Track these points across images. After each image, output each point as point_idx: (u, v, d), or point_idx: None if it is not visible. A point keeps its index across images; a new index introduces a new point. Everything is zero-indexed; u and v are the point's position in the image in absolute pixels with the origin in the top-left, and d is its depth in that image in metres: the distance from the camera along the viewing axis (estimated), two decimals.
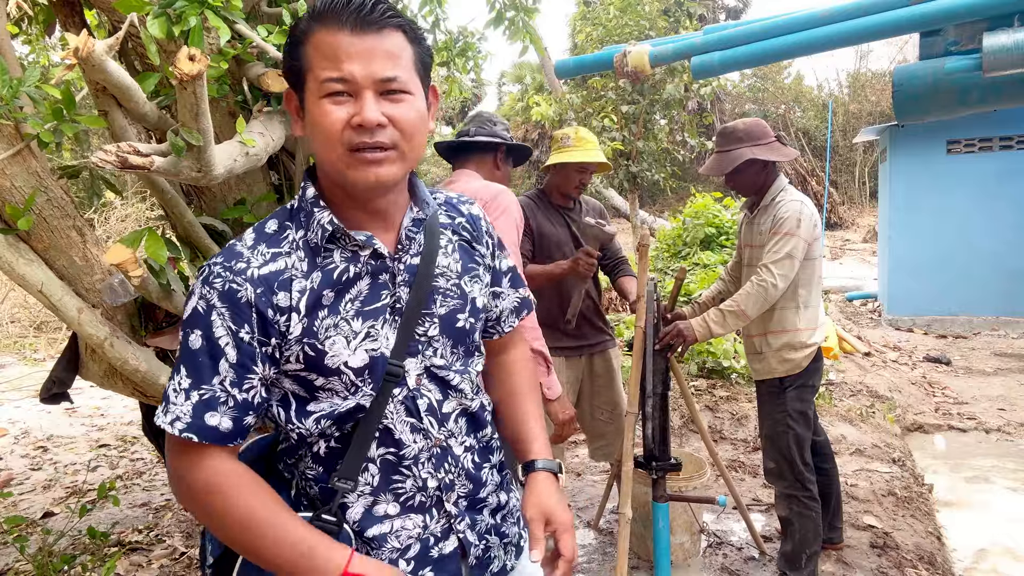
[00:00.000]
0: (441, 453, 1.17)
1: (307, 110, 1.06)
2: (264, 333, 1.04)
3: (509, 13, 3.14)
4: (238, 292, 1.03)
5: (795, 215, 2.74)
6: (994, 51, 3.02)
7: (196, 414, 1.02)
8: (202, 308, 1.03)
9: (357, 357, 1.08)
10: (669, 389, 2.84)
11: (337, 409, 1.09)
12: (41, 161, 1.71)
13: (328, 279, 1.08)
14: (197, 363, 1.02)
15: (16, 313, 8.89)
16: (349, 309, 1.08)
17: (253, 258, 1.06)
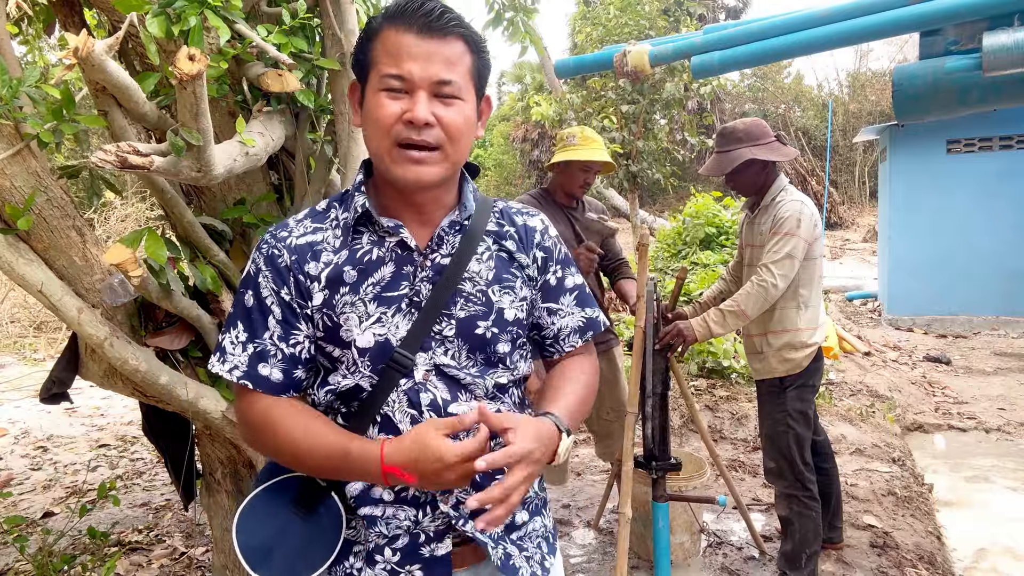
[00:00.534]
0: None
1: (365, 101, 1.14)
2: (300, 296, 1.14)
3: (508, 14, 3.14)
4: (279, 257, 1.15)
5: (795, 215, 2.74)
6: (994, 51, 3.02)
7: (251, 364, 1.13)
8: (252, 271, 1.16)
9: (364, 338, 1.13)
10: (669, 389, 2.84)
11: (338, 386, 1.16)
12: (41, 161, 1.71)
13: (352, 258, 1.15)
14: (251, 319, 1.14)
15: (16, 313, 8.89)
16: (369, 292, 1.14)
17: (296, 229, 1.18)
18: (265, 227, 2.05)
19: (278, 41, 1.83)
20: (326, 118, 2.16)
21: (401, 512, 1.16)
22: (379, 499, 1.15)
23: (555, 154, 3.17)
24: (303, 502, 1.17)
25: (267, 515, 1.17)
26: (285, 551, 1.14)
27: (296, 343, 1.15)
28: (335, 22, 1.94)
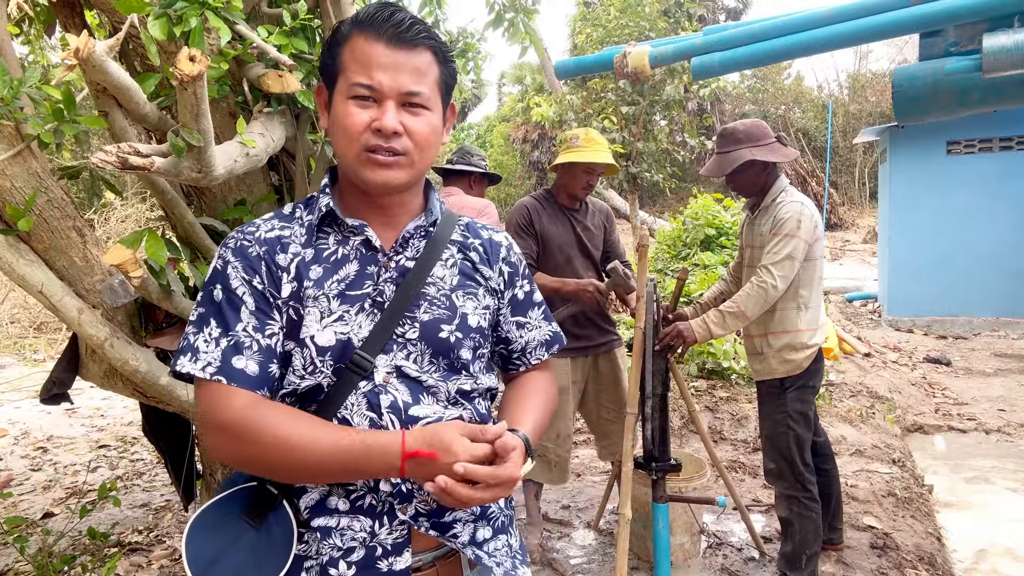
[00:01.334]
0: None
1: (333, 106, 1.15)
2: (272, 285, 1.12)
3: (509, 14, 3.14)
4: (249, 247, 1.13)
5: (795, 216, 2.74)
6: (994, 52, 3.02)
7: (224, 359, 1.07)
8: (219, 266, 1.13)
9: (324, 336, 1.11)
10: (669, 390, 2.84)
11: (297, 386, 1.12)
12: (41, 162, 1.71)
13: (319, 256, 1.15)
14: (222, 313, 1.09)
15: (16, 314, 8.89)
16: (333, 288, 1.13)
17: (263, 225, 1.17)
18: None
19: (279, 42, 1.83)
20: None
21: (356, 523, 1.11)
22: (334, 509, 1.11)
23: (559, 155, 3.17)
24: (253, 511, 1.12)
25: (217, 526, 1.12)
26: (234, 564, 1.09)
27: (272, 334, 1.10)
28: (336, 23, 1.94)
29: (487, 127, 29.74)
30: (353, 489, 1.12)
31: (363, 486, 1.12)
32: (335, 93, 1.14)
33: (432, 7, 2.92)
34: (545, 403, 1.31)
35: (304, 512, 1.12)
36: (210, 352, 1.07)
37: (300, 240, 1.15)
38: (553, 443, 3.16)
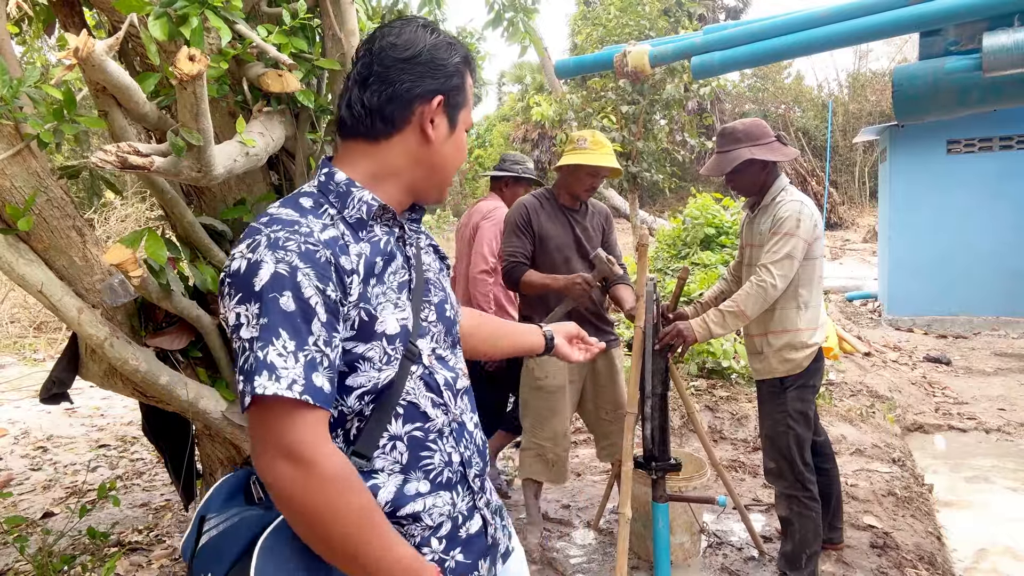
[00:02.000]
0: (459, 428, 1.22)
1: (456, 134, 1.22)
2: (343, 292, 1.07)
3: (508, 14, 3.14)
4: (316, 252, 1.04)
5: (795, 215, 2.74)
6: (994, 51, 3.02)
7: (307, 374, 0.99)
8: (285, 271, 1.01)
9: (391, 324, 1.12)
10: (668, 389, 2.84)
11: (376, 382, 1.11)
12: (41, 161, 1.71)
13: (376, 249, 1.14)
14: (296, 325, 1.00)
15: (16, 313, 8.89)
16: (392, 280, 1.15)
17: (313, 224, 1.09)
18: None
19: (278, 41, 1.83)
20: (326, 118, 2.16)
21: (439, 499, 1.17)
22: (416, 493, 1.14)
23: (564, 155, 3.17)
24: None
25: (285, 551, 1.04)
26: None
27: (335, 347, 1.05)
28: (335, 22, 1.94)
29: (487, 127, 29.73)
30: (430, 467, 1.17)
31: (440, 462, 1.18)
32: (459, 121, 1.21)
33: (431, 7, 2.92)
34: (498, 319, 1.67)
35: (386, 507, 1.11)
36: (291, 368, 0.98)
37: (351, 237, 1.12)
38: (551, 442, 3.16)
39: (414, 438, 1.15)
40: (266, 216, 1.10)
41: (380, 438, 1.12)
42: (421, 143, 1.17)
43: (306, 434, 0.99)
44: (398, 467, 1.14)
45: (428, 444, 1.16)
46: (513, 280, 3.13)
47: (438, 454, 1.17)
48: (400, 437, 1.14)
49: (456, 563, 1.17)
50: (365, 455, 1.11)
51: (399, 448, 1.14)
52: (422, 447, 1.16)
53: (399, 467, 1.14)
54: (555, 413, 3.14)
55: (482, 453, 1.28)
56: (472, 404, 1.30)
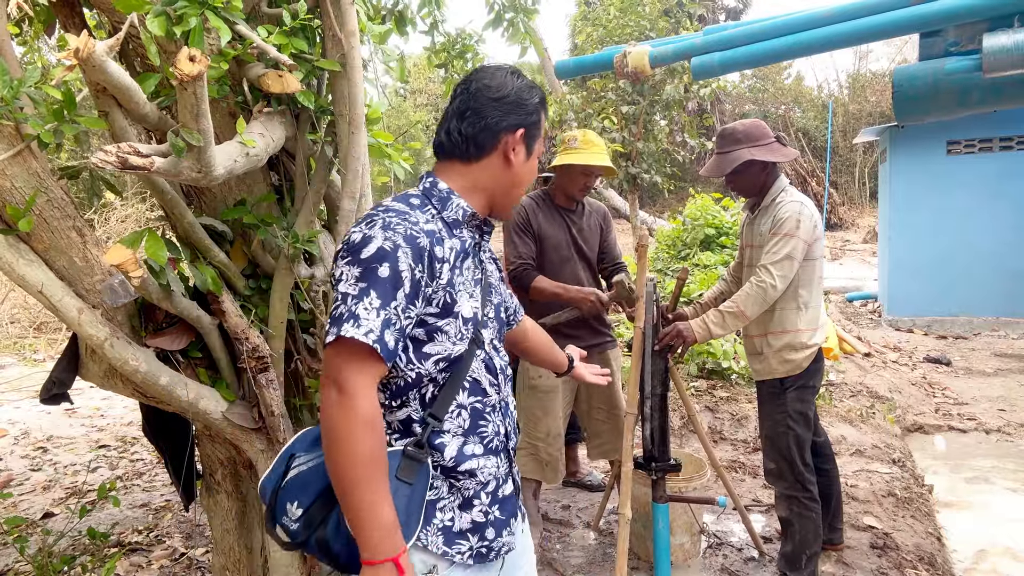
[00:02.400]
0: (504, 407, 1.51)
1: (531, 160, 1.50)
2: (429, 275, 1.32)
3: (508, 14, 3.13)
4: (417, 238, 1.31)
5: (794, 216, 2.74)
6: (994, 52, 3.02)
7: (382, 330, 1.24)
8: (389, 247, 1.27)
9: (467, 308, 1.40)
10: (668, 390, 2.84)
11: (449, 353, 1.37)
12: (41, 162, 1.71)
13: (461, 246, 1.42)
14: (385, 289, 1.25)
15: (16, 314, 8.89)
16: (468, 274, 1.42)
17: (419, 216, 1.37)
18: (265, 228, 2.05)
19: (279, 42, 1.83)
20: (326, 119, 2.16)
21: (489, 461, 1.43)
22: (472, 454, 1.40)
23: (557, 156, 3.17)
24: (406, 472, 1.31)
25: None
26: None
27: (408, 317, 1.30)
28: (335, 23, 1.94)
29: None
30: (485, 434, 1.44)
31: (492, 431, 1.45)
32: (533, 149, 1.49)
33: (431, 7, 2.92)
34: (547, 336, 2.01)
35: (449, 462, 1.37)
36: (371, 320, 1.23)
37: (446, 233, 1.39)
38: (544, 441, 3.16)
39: (475, 409, 1.42)
40: (383, 206, 1.39)
41: (451, 405, 1.38)
42: (504, 166, 1.46)
43: (360, 376, 1.24)
44: (460, 431, 1.40)
45: (485, 415, 1.44)
46: (523, 286, 3.11)
47: (491, 424, 1.45)
48: (465, 406, 1.41)
49: (495, 518, 1.43)
50: (438, 417, 1.36)
51: (463, 415, 1.40)
52: (480, 417, 1.43)
53: (461, 431, 1.40)
54: (548, 413, 3.14)
55: (516, 431, 1.56)
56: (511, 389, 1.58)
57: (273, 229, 2.06)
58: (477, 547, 1.39)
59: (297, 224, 2.08)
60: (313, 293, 2.22)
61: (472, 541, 1.39)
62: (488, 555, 1.41)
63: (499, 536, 1.44)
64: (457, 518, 1.38)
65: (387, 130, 2.45)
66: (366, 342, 1.22)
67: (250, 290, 2.13)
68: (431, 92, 27.70)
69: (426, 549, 1.34)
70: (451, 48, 2.96)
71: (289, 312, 2.13)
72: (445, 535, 1.36)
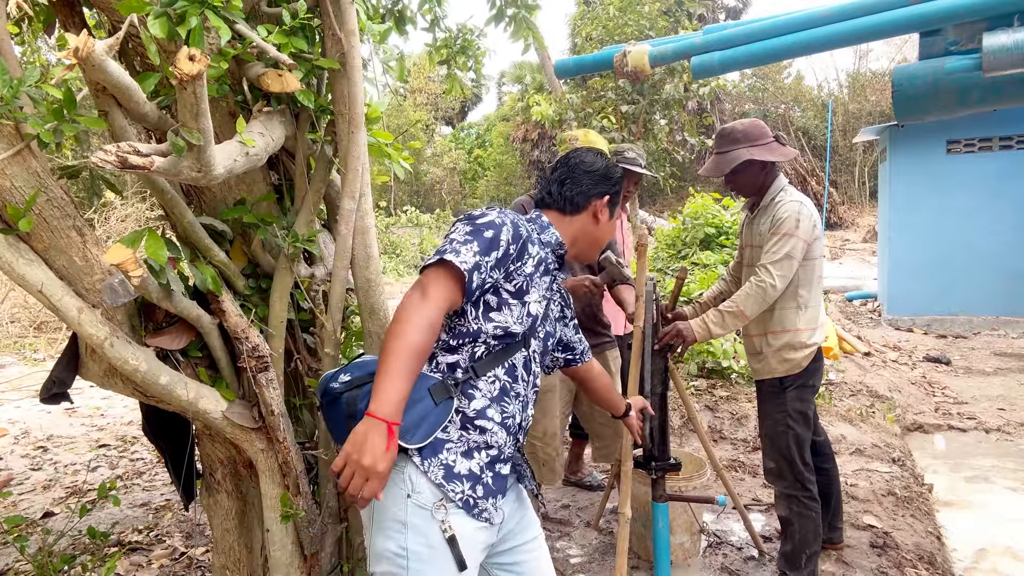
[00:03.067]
0: (524, 404, 1.75)
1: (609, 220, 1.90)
2: (518, 255, 1.65)
3: (510, 10, 3.12)
4: (519, 226, 1.68)
5: (794, 215, 2.74)
6: (994, 51, 3.02)
7: (473, 266, 1.56)
8: (498, 221, 1.64)
9: (534, 306, 1.71)
10: (668, 389, 2.84)
11: (508, 327, 1.65)
12: (41, 161, 1.71)
13: (544, 260, 1.76)
14: (486, 244, 1.59)
15: (16, 313, 8.89)
16: (540, 284, 1.73)
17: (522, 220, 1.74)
18: (265, 227, 2.05)
19: (278, 41, 1.83)
20: (326, 118, 2.16)
21: (501, 432, 1.66)
22: (491, 418, 1.64)
23: (558, 156, 3.17)
24: (437, 393, 1.58)
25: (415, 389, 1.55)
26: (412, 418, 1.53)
27: (489, 277, 1.60)
28: (335, 22, 1.94)
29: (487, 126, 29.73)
30: (506, 411, 1.67)
31: (512, 411, 1.69)
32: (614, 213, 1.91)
33: (432, 4, 2.91)
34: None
35: (471, 412, 1.62)
36: (469, 257, 1.56)
37: (539, 245, 1.75)
38: (541, 441, 3.17)
39: (505, 386, 1.68)
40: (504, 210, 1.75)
41: (490, 371, 1.65)
42: (592, 222, 1.87)
43: (442, 291, 1.54)
44: (491, 395, 1.65)
45: (510, 395, 1.69)
46: None
47: (512, 405, 1.69)
48: (500, 379, 1.67)
49: (487, 482, 1.62)
50: (477, 373, 1.63)
51: (496, 386, 1.67)
52: (507, 394, 1.68)
53: (490, 397, 1.65)
54: (545, 413, 3.14)
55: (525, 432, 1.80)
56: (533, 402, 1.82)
57: (273, 228, 2.07)
58: (468, 494, 1.58)
59: (297, 223, 2.08)
60: (313, 293, 2.22)
61: (465, 487, 1.58)
62: (473, 507, 1.59)
63: (485, 498, 1.61)
64: (459, 462, 1.59)
65: (387, 129, 2.45)
66: (460, 267, 1.53)
67: (250, 289, 2.13)
68: (431, 92, 27.71)
69: (427, 476, 1.55)
70: (452, 44, 2.95)
71: (289, 311, 2.13)
72: (446, 471, 1.57)
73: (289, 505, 2.08)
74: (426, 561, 1.53)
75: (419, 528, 1.53)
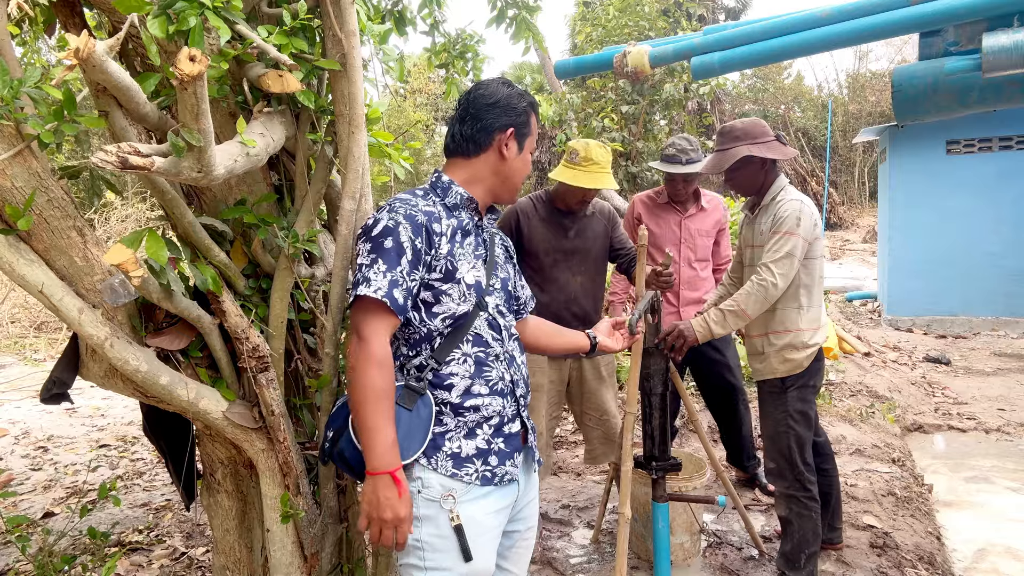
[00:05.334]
0: (510, 359, 1.76)
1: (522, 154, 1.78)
2: (428, 245, 1.61)
3: (511, 11, 3.12)
4: (416, 217, 1.61)
5: (795, 214, 2.74)
6: (994, 51, 3.03)
7: (389, 288, 1.55)
8: (391, 224, 1.59)
9: (470, 277, 1.68)
10: (669, 389, 2.84)
11: (454, 312, 1.65)
12: (41, 161, 1.71)
13: (460, 226, 1.71)
14: (390, 257, 1.56)
15: (16, 313, 8.89)
16: (467, 249, 1.70)
17: (419, 202, 1.67)
18: (265, 227, 2.05)
19: (279, 42, 1.83)
20: (326, 119, 2.16)
21: (494, 400, 1.70)
22: (477, 394, 1.67)
23: (559, 166, 3.16)
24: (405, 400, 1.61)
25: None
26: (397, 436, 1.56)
27: (414, 280, 1.60)
28: (336, 23, 1.94)
29: None
30: (490, 379, 1.70)
31: (497, 376, 1.71)
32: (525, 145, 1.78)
33: (431, 7, 2.91)
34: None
35: (456, 398, 1.65)
36: (379, 281, 1.54)
37: (445, 216, 1.68)
38: None
39: (479, 358, 1.69)
40: (393, 198, 1.69)
41: (453, 352, 1.65)
42: (499, 160, 1.75)
43: (372, 325, 1.55)
44: (467, 375, 1.67)
45: (488, 363, 1.70)
46: None
47: (495, 370, 1.71)
48: (470, 355, 1.68)
49: (499, 448, 1.69)
50: (439, 360, 1.65)
51: (469, 362, 1.67)
52: (484, 364, 1.70)
53: (468, 375, 1.67)
54: (533, 411, 3.14)
55: (526, 381, 1.82)
56: (521, 347, 1.86)
57: (273, 229, 2.07)
58: (482, 471, 1.65)
59: (297, 224, 2.08)
60: (313, 293, 2.22)
61: (477, 465, 1.65)
62: (493, 479, 1.67)
63: (502, 464, 1.69)
64: (464, 445, 1.64)
65: (387, 130, 2.45)
66: (375, 297, 1.52)
67: (250, 290, 2.13)
68: (431, 92, 27.71)
69: (437, 471, 1.61)
70: (451, 48, 2.95)
71: (289, 312, 2.13)
72: (454, 460, 1.63)
73: (289, 505, 2.08)
74: (439, 550, 1.62)
75: (431, 519, 1.62)
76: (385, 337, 1.56)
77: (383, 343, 1.55)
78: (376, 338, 1.54)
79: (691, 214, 3.85)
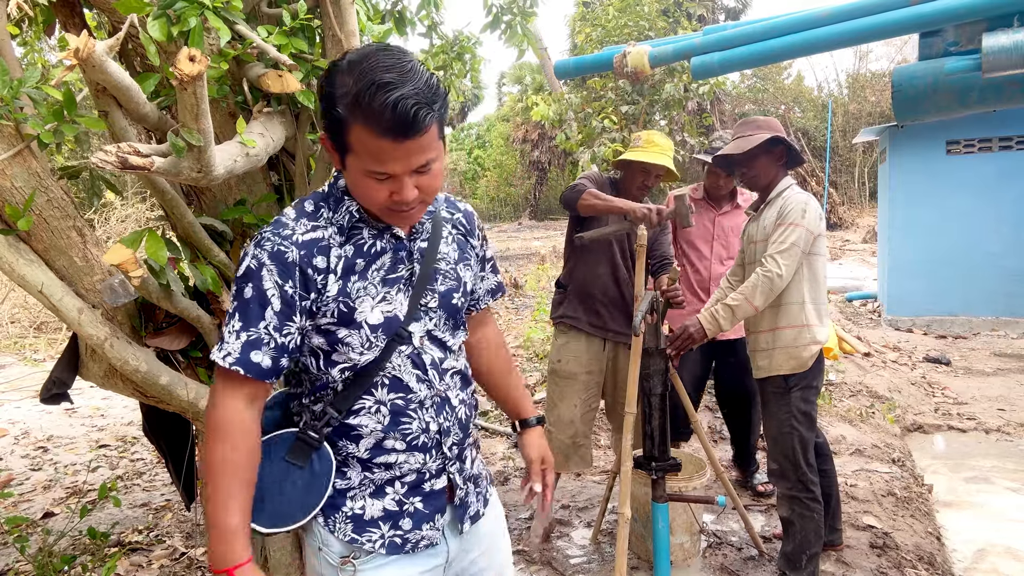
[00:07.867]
0: (441, 402, 1.40)
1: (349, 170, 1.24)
2: (304, 288, 1.26)
3: (506, 17, 3.13)
4: (286, 253, 1.24)
5: (800, 205, 2.76)
6: (994, 52, 3.02)
7: (243, 352, 1.23)
8: (254, 266, 1.24)
9: (374, 316, 1.30)
10: (669, 389, 2.84)
11: (356, 363, 1.32)
12: (41, 161, 1.71)
13: (360, 251, 1.31)
14: (248, 310, 1.24)
15: (16, 313, 8.89)
16: (375, 276, 1.32)
17: (297, 227, 1.28)
18: None
19: (278, 42, 1.83)
20: None
21: (412, 457, 1.37)
22: (391, 449, 1.36)
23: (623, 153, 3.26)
24: (297, 455, 1.34)
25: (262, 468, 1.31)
26: (280, 499, 1.33)
27: (288, 333, 1.27)
28: (335, 23, 1.94)
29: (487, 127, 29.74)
30: (408, 431, 1.36)
31: (418, 428, 1.37)
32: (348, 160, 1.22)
33: (429, 9, 2.92)
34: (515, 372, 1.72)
35: (364, 453, 1.35)
36: (231, 344, 1.24)
37: (337, 240, 1.29)
38: (555, 427, 3.17)
39: (396, 407, 1.35)
40: (274, 219, 1.31)
41: (361, 401, 1.34)
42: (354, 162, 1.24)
43: (223, 391, 1.26)
44: (380, 427, 1.35)
45: (408, 412, 1.36)
46: (570, 200, 3.09)
47: (416, 422, 1.37)
48: (384, 403, 1.35)
49: (415, 509, 1.39)
50: (339, 409, 1.33)
51: (383, 411, 1.35)
52: (403, 414, 1.36)
53: (381, 427, 1.35)
54: (563, 399, 3.16)
55: (464, 426, 1.46)
56: (462, 383, 1.47)
57: None
58: (389, 536, 1.37)
59: None
60: None
61: (384, 529, 1.37)
62: (403, 546, 1.38)
63: (417, 528, 1.39)
64: (369, 506, 1.37)
65: None
66: (223, 365, 1.23)
67: None
68: None
69: (334, 534, 1.36)
70: (449, 50, 2.95)
71: None
72: (355, 523, 1.36)
73: None
74: None
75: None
76: (236, 401, 1.26)
77: (229, 408, 1.26)
78: (223, 403, 1.26)
79: (726, 211, 3.87)
